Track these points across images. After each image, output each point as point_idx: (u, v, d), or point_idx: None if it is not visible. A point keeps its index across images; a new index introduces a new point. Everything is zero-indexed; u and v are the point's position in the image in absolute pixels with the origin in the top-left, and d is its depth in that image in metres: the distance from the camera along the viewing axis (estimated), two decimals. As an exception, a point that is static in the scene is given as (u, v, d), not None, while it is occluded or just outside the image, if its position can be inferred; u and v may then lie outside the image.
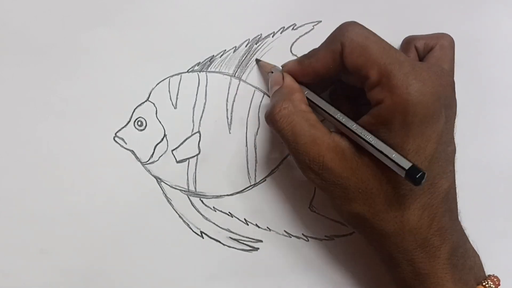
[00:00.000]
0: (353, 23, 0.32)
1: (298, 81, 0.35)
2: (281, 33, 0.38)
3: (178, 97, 0.38)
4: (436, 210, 0.32)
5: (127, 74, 0.38)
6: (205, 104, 0.39)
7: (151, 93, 0.38)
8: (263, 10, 0.38)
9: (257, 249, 0.40)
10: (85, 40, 0.38)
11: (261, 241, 0.40)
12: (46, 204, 0.38)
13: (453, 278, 0.32)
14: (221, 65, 0.38)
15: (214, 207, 0.39)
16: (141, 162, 0.38)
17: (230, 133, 0.39)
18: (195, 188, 0.39)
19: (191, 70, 0.38)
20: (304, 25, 0.38)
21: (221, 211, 0.39)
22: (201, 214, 0.39)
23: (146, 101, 0.38)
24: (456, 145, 0.34)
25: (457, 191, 0.34)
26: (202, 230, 0.39)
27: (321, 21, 0.38)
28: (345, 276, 0.40)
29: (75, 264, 0.39)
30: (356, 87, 0.34)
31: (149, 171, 0.39)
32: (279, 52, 0.38)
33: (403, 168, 0.29)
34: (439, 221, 0.32)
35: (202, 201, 0.39)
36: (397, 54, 0.31)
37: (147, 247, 0.39)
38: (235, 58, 0.38)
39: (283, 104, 0.33)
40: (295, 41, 0.38)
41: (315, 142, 0.32)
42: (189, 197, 0.39)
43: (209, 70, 0.38)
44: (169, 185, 0.39)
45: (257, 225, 0.39)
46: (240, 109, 0.39)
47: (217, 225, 0.39)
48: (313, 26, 0.38)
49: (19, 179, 0.38)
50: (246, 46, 0.38)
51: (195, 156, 0.39)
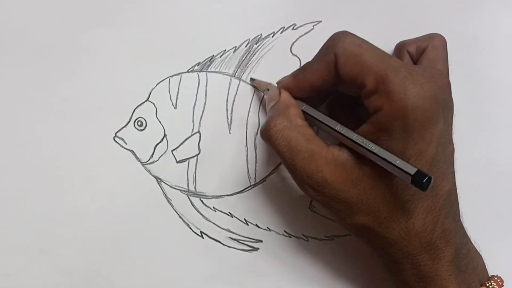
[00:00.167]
0: (345, 32, 0.32)
1: (294, 96, 0.35)
2: (281, 33, 0.38)
3: (178, 97, 0.38)
4: (439, 212, 0.32)
5: (127, 74, 0.38)
6: (205, 104, 0.39)
7: (151, 93, 0.38)
8: (263, 10, 0.38)
9: (257, 249, 0.40)
10: (85, 40, 0.38)
11: (261, 241, 0.40)
12: (46, 204, 0.38)
13: (457, 279, 0.32)
14: (221, 65, 0.38)
15: (214, 207, 0.39)
16: (141, 162, 0.38)
17: (230, 133, 0.39)
18: (195, 188, 0.39)
19: (191, 70, 0.38)
20: (304, 25, 0.38)
21: (221, 211, 0.39)
22: (201, 214, 0.39)
23: (146, 101, 0.38)
24: (455, 145, 0.34)
25: (458, 191, 0.34)
26: (202, 230, 0.39)
27: (321, 21, 0.38)
28: (345, 276, 0.40)
29: (75, 264, 0.39)
30: (352, 97, 0.34)
31: (149, 171, 0.39)
32: (279, 52, 0.38)
33: (409, 174, 0.29)
34: (442, 224, 0.32)
35: (202, 201, 0.39)
36: (392, 60, 0.31)
37: (147, 247, 0.39)
38: (235, 58, 0.38)
39: (278, 119, 0.33)
40: (295, 41, 0.38)
41: (313, 157, 0.32)
42: (189, 197, 0.39)
43: (209, 70, 0.38)
44: (169, 185, 0.39)
45: (257, 225, 0.39)
46: (240, 109, 0.39)
47: (217, 225, 0.39)
48: (313, 26, 0.38)
49: (19, 179, 0.38)
50: (246, 46, 0.38)
51: (195, 156, 0.39)
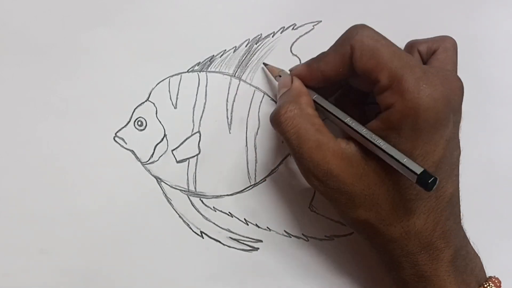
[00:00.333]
0: (363, 26, 0.32)
1: (306, 85, 0.35)
2: (281, 33, 0.38)
3: (178, 97, 0.38)
4: (441, 214, 0.32)
5: (127, 74, 0.38)
6: (205, 104, 0.38)
7: (151, 93, 0.38)
8: (263, 10, 0.38)
9: (257, 249, 0.40)
10: (85, 40, 0.38)
11: (261, 241, 0.40)
12: (46, 204, 0.38)
13: (455, 280, 0.32)
14: (221, 65, 0.38)
15: (214, 207, 0.39)
16: (141, 162, 0.38)
17: (230, 133, 0.39)
18: (195, 188, 0.39)
19: (191, 70, 0.38)
20: (304, 25, 0.38)
21: (221, 211, 0.39)
22: (201, 214, 0.39)
23: (146, 101, 0.38)
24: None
25: (458, 192, 0.34)
26: (202, 230, 0.39)
27: (321, 21, 0.38)
28: (345, 276, 0.40)
29: (75, 264, 0.39)
30: (361, 94, 0.34)
31: (149, 171, 0.39)
32: (279, 52, 0.38)
33: (415, 173, 0.29)
34: (443, 225, 0.32)
35: (202, 201, 0.39)
36: (408, 58, 0.31)
37: (147, 247, 0.39)
38: (235, 58, 0.38)
39: (289, 106, 0.32)
40: (295, 41, 0.38)
41: (320, 147, 0.31)
42: (189, 197, 0.39)
43: (209, 70, 0.38)
44: (169, 185, 0.39)
45: (257, 225, 0.39)
46: (240, 109, 0.39)
47: (217, 225, 0.39)
48: (313, 26, 0.38)
49: (19, 179, 0.38)
50: (246, 46, 0.38)
51: (195, 156, 0.39)
